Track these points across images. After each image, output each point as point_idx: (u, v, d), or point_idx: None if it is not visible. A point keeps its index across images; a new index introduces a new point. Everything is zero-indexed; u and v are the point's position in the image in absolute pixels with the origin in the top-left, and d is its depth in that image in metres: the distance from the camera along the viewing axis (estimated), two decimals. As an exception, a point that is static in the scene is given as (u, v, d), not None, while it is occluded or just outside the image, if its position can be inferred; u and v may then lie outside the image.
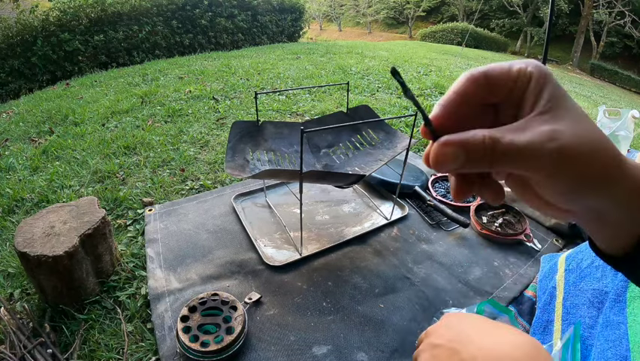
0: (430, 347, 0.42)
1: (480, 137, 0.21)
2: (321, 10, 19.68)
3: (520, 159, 0.20)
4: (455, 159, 0.21)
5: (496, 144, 0.20)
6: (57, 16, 4.23)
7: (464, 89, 0.23)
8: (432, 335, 0.44)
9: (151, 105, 2.33)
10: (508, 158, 0.20)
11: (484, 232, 1.13)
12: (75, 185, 1.40)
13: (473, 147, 0.21)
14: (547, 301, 0.85)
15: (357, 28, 20.57)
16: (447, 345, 0.40)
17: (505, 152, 0.20)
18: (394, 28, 19.76)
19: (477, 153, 0.21)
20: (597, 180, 0.21)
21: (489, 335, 0.39)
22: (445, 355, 0.39)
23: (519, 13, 14.81)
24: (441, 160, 0.21)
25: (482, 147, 0.20)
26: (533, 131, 0.20)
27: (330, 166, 1.18)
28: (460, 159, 0.21)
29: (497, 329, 0.40)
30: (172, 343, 0.77)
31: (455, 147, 0.21)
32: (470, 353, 0.37)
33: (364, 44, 6.38)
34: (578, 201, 0.22)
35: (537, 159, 0.20)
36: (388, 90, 2.83)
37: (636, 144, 2.09)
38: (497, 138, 0.20)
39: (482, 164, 0.21)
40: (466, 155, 0.21)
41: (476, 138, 0.21)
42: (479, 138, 0.21)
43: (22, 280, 0.96)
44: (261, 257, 1.01)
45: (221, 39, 5.63)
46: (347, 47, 5.44)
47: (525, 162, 0.20)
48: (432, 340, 0.43)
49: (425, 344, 0.43)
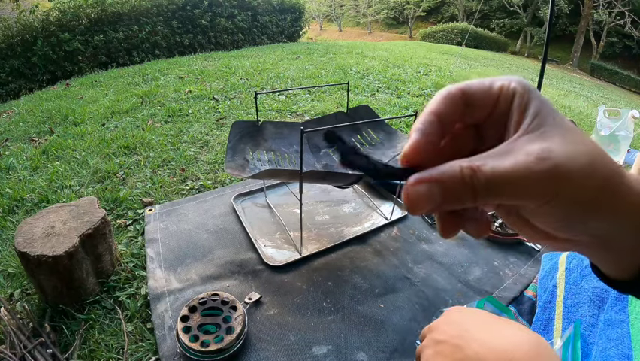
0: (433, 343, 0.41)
1: (457, 168, 0.18)
2: (321, 10, 19.69)
3: (507, 187, 0.18)
4: (430, 199, 0.18)
5: (477, 174, 0.18)
6: (57, 16, 4.23)
7: (441, 108, 0.20)
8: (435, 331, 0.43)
9: (151, 105, 2.33)
10: (492, 189, 0.18)
11: (484, 232, 1.13)
12: (75, 185, 1.40)
13: (450, 182, 0.18)
14: (547, 299, 0.85)
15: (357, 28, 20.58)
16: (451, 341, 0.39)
17: (488, 182, 0.17)
18: (394, 28, 19.76)
19: (455, 188, 0.18)
20: (598, 199, 0.18)
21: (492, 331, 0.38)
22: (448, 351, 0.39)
23: (519, 13, 14.81)
24: (414, 202, 0.18)
25: (460, 181, 0.18)
26: (519, 153, 0.18)
27: (330, 166, 1.18)
28: (437, 198, 0.18)
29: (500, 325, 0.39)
30: (172, 343, 0.77)
31: (429, 185, 0.18)
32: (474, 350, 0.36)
33: (364, 44, 6.38)
34: (578, 227, 0.19)
35: (526, 185, 0.17)
36: (388, 90, 2.83)
37: (636, 144, 2.09)
38: (477, 167, 0.18)
39: (463, 200, 0.18)
40: (443, 192, 0.18)
41: (453, 170, 0.18)
42: (456, 170, 0.18)
43: (22, 280, 0.96)
44: (261, 257, 1.01)
45: (221, 39, 5.63)
46: (347, 46, 5.44)
47: (513, 190, 0.18)
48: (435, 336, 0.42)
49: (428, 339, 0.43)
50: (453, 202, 0.18)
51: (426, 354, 0.41)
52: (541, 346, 0.33)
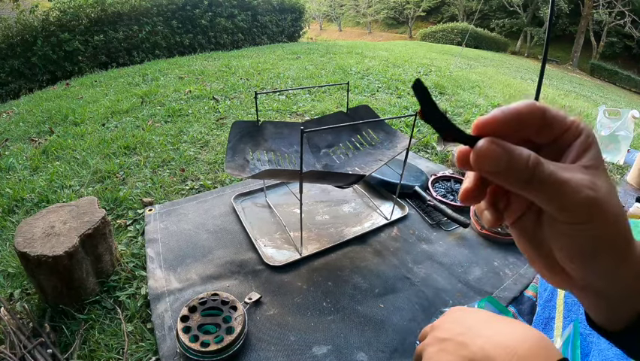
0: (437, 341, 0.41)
1: (527, 152, 0.21)
2: (321, 10, 19.68)
3: (555, 191, 0.20)
4: (497, 161, 0.21)
5: (539, 166, 0.20)
6: (57, 16, 4.23)
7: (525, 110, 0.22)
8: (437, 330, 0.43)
9: (151, 105, 2.33)
10: (544, 185, 0.20)
11: (484, 232, 1.13)
12: (75, 185, 1.40)
13: (517, 159, 0.20)
14: (548, 298, 0.85)
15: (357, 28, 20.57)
16: (455, 339, 0.39)
17: (544, 178, 0.20)
18: (394, 28, 19.76)
19: (519, 166, 0.20)
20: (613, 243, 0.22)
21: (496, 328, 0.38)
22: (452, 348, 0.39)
23: (519, 13, 14.80)
24: (483, 157, 0.21)
25: (525, 163, 0.20)
26: (575, 174, 0.21)
27: (330, 166, 1.18)
28: (501, 164, 0.20)
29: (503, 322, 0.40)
30: (172, 343, 0.77)
31: (501, 150, 0.20)
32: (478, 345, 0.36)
33: (364, 44, 6.38)
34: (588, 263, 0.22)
35: (571, 199, 0.20)
36: (388, 90, 2.83)
37: (636, 144, 2.09)
38: (542, 161, 0.20)
39: (518, 179, 0.21)
40: (508, 163, 0.20)
41: (523, 152, 0.20)
42: (526, 153, 0.20)
43: (22, 280, 0.96)
44: (261, 257, 1.01)
45: (221, 39, 5.63)
46: (347, 46, 5.44)
47: (560, 195, 0.20)
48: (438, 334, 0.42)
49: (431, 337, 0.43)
50: (509, 176, 0.21)
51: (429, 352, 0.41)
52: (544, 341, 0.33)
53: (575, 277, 0.24)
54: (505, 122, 0.22)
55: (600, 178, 0.21)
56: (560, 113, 0.23)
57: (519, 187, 0.21)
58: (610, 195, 0.21)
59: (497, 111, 0.22)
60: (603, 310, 0.26)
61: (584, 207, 0.20)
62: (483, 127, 0.22)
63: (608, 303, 0.25)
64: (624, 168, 1.70)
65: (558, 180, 0.20)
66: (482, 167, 0.21)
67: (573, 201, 0.20)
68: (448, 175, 1.43)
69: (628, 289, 0.23)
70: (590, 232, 0.21)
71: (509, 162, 0.20)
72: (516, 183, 0.21)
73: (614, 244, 0.22)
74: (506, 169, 0.20)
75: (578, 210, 0.20)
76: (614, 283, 0.23)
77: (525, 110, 0.22)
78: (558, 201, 0.21)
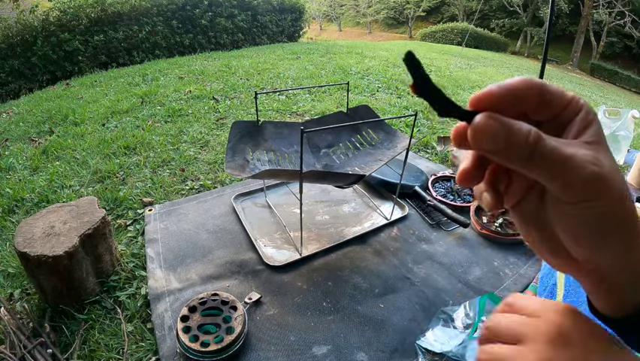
0: None
1: (527, 127, 0.19)
2: (321, 10, 19.67)
3: (559, 167, 0.19)
4: (495, 138, 0.19)
5: (540, 141, 0.19)
6: (57, 16, 4.23)
7: (522, 86, 0.21)
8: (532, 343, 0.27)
9: (151, 105, 2.33)
10: (547, 162, 0.19)
11: (484, 232, 1.13)
12: (75, 185, 1.40)
13: (517, 134, 0.19)
14: (547, 298, 0.85)
15: (357, 28, 20.57)
16: None
17: (546, 154, 0.19)
18: (394, 28, 19.75)
19: (518, 142, 0.19)
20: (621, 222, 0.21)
21: None
22: None
23: (519, 13, 14.79)
24: (480, 133, 0.20)
25: (525, 139, 0.19)
26: (578, 150, 0.20)
27: (330, 166, 1.18)
28: (500, 140, 0.19)
29: None
30: (172, 343, 0.77)
31: (500, 125, 0.19)
32: None
33: (364, 44, 6.38)
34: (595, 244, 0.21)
35: (575, 175, 0.19)
36: (388, 90, 2.83)
37: (636, 144, 2.09)
38: (543, 136, 0.19)
39: (519, 156, 0.19)
40: (507, 138, 0.19)
41: (522, 127, 0.19)
42: (526, 127, 0.19)
43: (22, 280, 0.96)
44: (261, 257, 1.01)
45: (221, 39, 5.63)
46: (347, 46, 5.44)
47: (563, 172, 0.19)
48: None
49: None
50: (509, 153, 0.20)
51: None
52: None
53: (581, 261, 0.23)
54: (501, 96, 0.21)
55: (603, 154, 0.20)
56: (558, 90, 0.22)
57: (520, 164, 0.20)
58: (614, 171, 0.20)
59: (493, 86, 0.21)
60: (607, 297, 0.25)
61: (590, 184, 0.19)
62: (479, 102, 0.21)
63: (613, 289, 0.24)
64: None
65: (561, 155, 0.19)
66: (480, 144, 0.20)
67: (578, 177, 0.19)
68: (448, 175, 1.43)
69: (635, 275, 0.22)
70: (596, 209, 0.20)
71: (509, 138, 0.19)
72: (517, 160, 0.20)
73: (623, 222, 0.21)
74: (506, 145, 0.19)
75: (583, 186, 0.20)
76: (622, 266, 0.22)
77: (521, 85, 0.21)
78: (562, 178, 0.20)
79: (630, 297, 0.23)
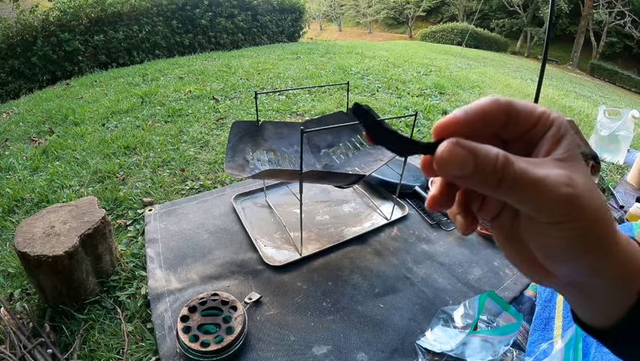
0: None
1: (494, 151, 0.19)
2: (321, 10, 19.67)
3: (530, 190, 0.19)
4: (462, 165, 0.19)
5: (509, 165, 0.18)
6: (57, 16, 4.23)
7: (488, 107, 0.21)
8: None
9: (151, 105, 2.33)
10: (517, 186, 0.19)
11: (484, 232, 1.13)
12: (75, 185, 1.40)
13: (484, 159, 0.18)
14: (548, 298, 0.85)
15: (357, 28, 20.56)
16: None
17: (516, 177, 0.18)
18: (394, 28, 19.75)
19: (487, 167, 0.18)
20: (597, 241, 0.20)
21: None
22: None
23: (519, 13, 14.79)
24: (447, 160, 0.19)
25: (494, 163, 0.18)
26: (550, 170, 0.19)
27: (330, 166, 1.18)
28: (468, 167, 0.19)
29: None
30: (172, 343, 0.77)
31: (466, 152, 0.19)
32: None
33: (364, 44, 6.38)
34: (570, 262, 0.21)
35: (548, 198, 0.19)
36: (388, 90, 2.83)
37: (636, 144, 2.09)
38: (512, 160, 0.19)
39: (488, 181, 0.19)
40: (475, 165, 0.19)
41: (490, 151, 0.19)
42: (493, 152, 0.19)
43: (22, 280, 0.96)
44: (261, 257, 1.01)
45: (221, 39, 5.63)
46: (347, 47, 5.44)
47: (535, 196, 0.19)
48: None
49: None
50: (478, 179, 0.19)
51: None
52: None
53: (558, 276, 0.22)
54: (467, 122, 0.21)
55: (576, 171, 0.20)
56: (527, 106, 0.21)
57: (489, 190, 0.19)
58: (589, 188, 0.19)
59: (459, 111, 0.21)
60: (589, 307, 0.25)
61: (563, 206, 0.19)
62: (443, 130, 0.21)
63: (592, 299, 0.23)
64: (624, 168, 1.70)
65: (531, 179, 0.18)
66: (447, 171, 0.19)
67: (550, 200, 0.19)
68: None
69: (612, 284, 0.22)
70: (570, 231, 0.19)
71: (476, 165, 0.19)
72: (486, 186, 0.19)
73: (597, 239, 0.20)
74: (473, 172, 0.19)
75: (556, 209, 0.19)
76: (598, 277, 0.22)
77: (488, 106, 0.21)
78: (534, 202, 0.19)
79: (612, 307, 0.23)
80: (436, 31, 13.54)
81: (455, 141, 0.19)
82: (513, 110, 0.21)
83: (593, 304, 0.24)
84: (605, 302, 0.23)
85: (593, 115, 2.79)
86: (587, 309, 0.25)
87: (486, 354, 0.73)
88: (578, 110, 3.24)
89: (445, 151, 0.19)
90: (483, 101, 0.21)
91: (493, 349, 0.74)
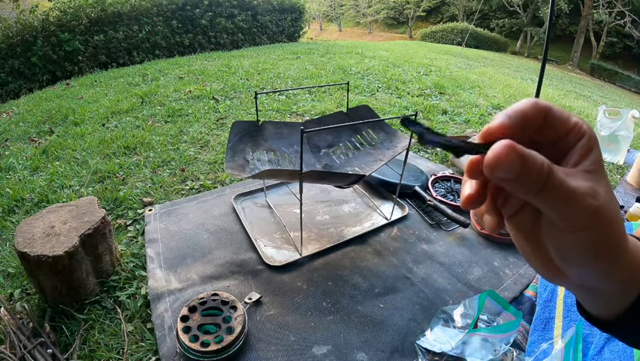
0: None
1: (540, 160, 0.20)
2: (321, 10, 19.67)
3: (564, 200, 0.20)
4: (511, 167, 0.20)
5: (552, 175, 0.20)
6: (57, 16, 4.23)
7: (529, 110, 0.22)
8: None
9: (151, 105, 2.33)
10: (555, 194, 0.20)
11: (484, 232, 1.13)
12: (75, 185, 1.40)
13: (531, 166, 0.19)
14: (548, 298, 0.85)
15: (357, 28, 20.56)
16: None
17: (555, 187, 0.20)
18: (394, 28, 19.75)
19: (532, 173, 0.20)
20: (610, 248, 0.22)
21: None
22: None
23: (519, 13, 14.79)
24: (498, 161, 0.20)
25: (538, 171, 0.20)
26: (580, 183, 0.21)
27: (330, 166, 1.18)
28: (515, 170, 0.20)
29: None
30: (172, 343, 0.77)
31: (517, 156, 0.19)
32: None
33: (364, 44, 6.38)
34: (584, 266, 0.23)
35: (576, 208, 0.20)
36: (388, 90, 2.83)
37: (636, 144, 2.09)
38: (554, 169, 0.20)
39: (532, 187, 0.20)
40: (521, 169, 0.19)
41: (537, 158, 0.20)
42: (540, 160, 0.20)
43: (22, 280, 0.96)
44: (261, 257, 1.01)
45: (221, 39, 5.63)
46: (347, 47, 5.44)
47: (566, 205, 0.20)
48: None
49: None
50: (522, 182, 0.20)
51: None
52: None
53: (570, 276, 0.24)
54: (511, 127, 0.22)
55: (601, 184, 0.21)
56: (564, 113, 0.22)
57: (530, 195, 0.20)
58: (610, 200, 0.21)
59: (503, 117, 0.22)
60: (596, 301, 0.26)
61: (586, 216, 0.20)
62: (491, 135, 0.22)
63: (601, 298, 0.25)
64: (624, 168, 1.70)
65: (568, 189, 0.20)
66: (496, 173, 0.20)
67: (576, 210, 0.20)
68: (448, 175, 1.43)
69: (621, 284, 0.24)
70: (588, 238, 0.21)
71: (522, 169, 0.19)
72: (527, 191, 0.20)
73: (610, 246, 0.22)
74: (519, 175, 0.20)
75: (578, 218, 0.20)
76: (608, 280, 0.23)
77: (529, 109, 0.22)
78: (562, 210, 0.20)
79: (619, 301, 0.25)
80: (436, 31, 13.54)
81: (510, 144, 0.20)
82: (550, 115, 0.22)
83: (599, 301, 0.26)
84: (611, 299, 0.25)
85: (593, 115, 2.79)
86: (593, 304, 0.27)
87: (486, 353, 0.73)
88: (578, 110, 3.24)
89: (499, 152, 0.20)
90: (524, 105, 0.22)
91: (493, 348, 0.74)
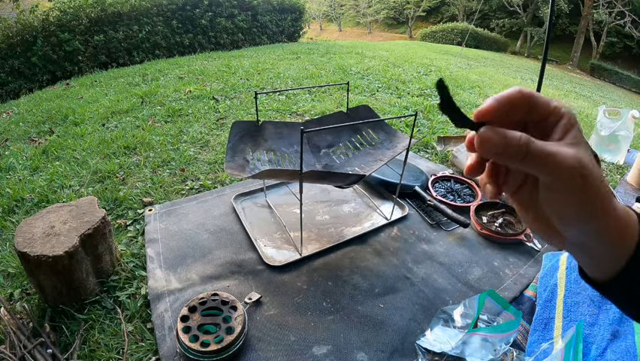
0: None
1: (518, 134, 0.25)
2: (321, 10, 19.66)
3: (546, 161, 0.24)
4: (495, 146, 0.25)
5: (530, 143, 0.25)
6: (57, 16, 4.23)
7: (515, 96, 0.27)
8: None
9: (151, 105, 2.33)
10: (537, 158, 0.24)
11: (484, 232, 1.13)
12: (75, 185, 1.40)
13: (512, 140, 0.25)
14: (548, 298, 0.85)
15: (357, 28, 20.55)
16: None
17: (536, 152, 0.24)
18: (394, 28, 19.74)
19: (513, 147, 0.25)
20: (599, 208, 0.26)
21: None
22: None
23: (519, 13, 14.78)
24: (485, 142, 0.25)
25: (518, 143, 0.24)
26: (562, 148, 0.25)
27: (330, 166, 1.18)
28: (499, 148, 0.25)
29: None
30: (172, 343, 0.77)
31: (498, 136, 0.25)
32: None
33: (364, 44, 6.38)
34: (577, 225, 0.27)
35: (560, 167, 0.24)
36: (388, 90, 2.82)
37: (636, 144, 2.08)
38: (532, 139, 0.25)
39: (516, 156, 0.25)
40: (505, 146, 0.25)
41: (515, 134, 0.25)
42: (518, 134, 0.25)
43: (22, 280, 0.96)
44: (261, 257, 1.01)
45: (221, 39, 5.63)
46: (347, 47, 5.44)
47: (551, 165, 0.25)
48: None
49: None
50: (508, 155, 0.25)
51: None
52: None
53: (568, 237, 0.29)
54: (499, 108, 0.27)
55: (582, 153, 0.25)
56: (545, 99, 0.27)
57: (517, 163, 0.25)
58: (592, 164, 0.25)
59: (492, 101, 0.27)
60: (591, 264, 0.31)
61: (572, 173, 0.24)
62: (482, 116, 0.27)
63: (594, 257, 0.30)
64: (624, 168, 1.70)
65: (547, 152, 0.24)
66: (485, 150, 0.26)
67: (562, 168, 0.24)
68: (448, 175, 1.43)
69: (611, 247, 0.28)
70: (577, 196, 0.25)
71: (506, 144, 0.25)
72: (514, 160, 0.25)
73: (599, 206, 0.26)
74: (503, 150, 0.25)
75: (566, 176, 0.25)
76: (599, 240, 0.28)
77: (515, 96, 0.27)
78: (550, 169, 0.25)
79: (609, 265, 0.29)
80: (436, 31, 13.53)
81: (489, 127, 0.26)
82: (532, 100, 0.27)
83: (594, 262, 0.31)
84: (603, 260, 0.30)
85: (593, 115, 2.79)
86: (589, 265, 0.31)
87: (486, 353, 0.73)
88: (578, 110, 3.24)
89: (483, 135, 0.26)
90: (510, 91, 0.27)
91: (493, 348, 0.74)
